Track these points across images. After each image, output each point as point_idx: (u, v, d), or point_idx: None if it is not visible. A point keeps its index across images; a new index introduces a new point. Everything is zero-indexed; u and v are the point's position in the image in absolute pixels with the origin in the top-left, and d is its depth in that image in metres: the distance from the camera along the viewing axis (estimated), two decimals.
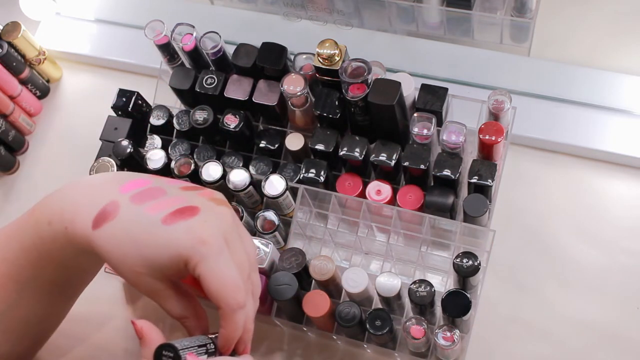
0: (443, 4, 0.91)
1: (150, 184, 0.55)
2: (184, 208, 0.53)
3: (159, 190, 0.55)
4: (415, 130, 0.79)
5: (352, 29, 0.99)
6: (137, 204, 0.53)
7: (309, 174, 0.83)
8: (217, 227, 0.53)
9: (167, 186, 0.56)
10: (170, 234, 0.51)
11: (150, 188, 0.55)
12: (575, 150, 0.90)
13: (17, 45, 1.01)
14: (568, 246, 0.87)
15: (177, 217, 0.52)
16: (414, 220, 0.80)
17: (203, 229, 0.52)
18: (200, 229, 0.52)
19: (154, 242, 0.52)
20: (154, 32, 0.87)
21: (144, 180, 0.56)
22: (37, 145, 1.06)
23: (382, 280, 0.75)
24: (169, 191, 0.55)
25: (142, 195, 0.54)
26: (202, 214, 0.53)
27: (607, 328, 0.82)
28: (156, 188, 0.55)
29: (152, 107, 0.92)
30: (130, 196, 0.53)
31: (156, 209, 0.53)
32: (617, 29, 0.96)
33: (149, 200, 0.53)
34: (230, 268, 0.53)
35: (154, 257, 0.52)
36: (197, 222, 0.52)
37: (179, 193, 0.55)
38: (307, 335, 0.86)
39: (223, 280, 0.52)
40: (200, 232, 0.52)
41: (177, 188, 0.56)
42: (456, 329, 0.72)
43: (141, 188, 0.54)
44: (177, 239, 0.51)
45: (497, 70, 0.95)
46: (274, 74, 0.85)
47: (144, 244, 0.52)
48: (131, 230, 0.52)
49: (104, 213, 0.52)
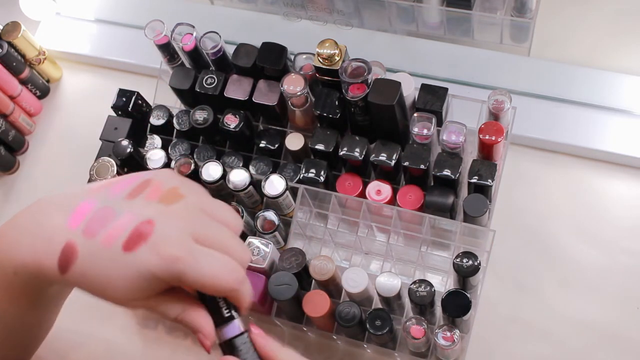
0: (443, 4, 0.91)
1: (94, 205, 0.52)
2: (139, 227, 0.50)
3: (106, 212, 0.51)
4: (415, 130, 0.79)
5: (352, 29, 0.99)
6: (91, 237, 0.50)
7: (309, 174, 0.83)
8: (180, 233, 0.50)
9: (112, 201, 0.52)
10: (137, 261, 0.49)
11: (97, 212, 0.51)
12: (575, 150, 0.90)
13: (17, 45, 1.01)
14: (568, 246, 0.87)
15: (136, 242, 0.49)
16: (414, 220, 0.80)
17: (167, 245, 0.49)
18: (164, 245, 0.49)
19: (125, 274, 0.49)
20: (154, 32, 0.87)
21: (89, 202, 0.52)
22: (37, 145, 1.06)
23: (382, 280, 0.75)
24: (116, 208, 0.51)
25: (92, 225, 0.51)
26: (159, 226, 0.50)
27: (607, 328, 0.82)
28: (103, 210, 0.51)
29: (152, 107, 0.92)
30: (82, 230, 0.50)
31: (111, 238, 0.50)
32: (617, 29, 0.97)
33: (101, 229, 0.50)
34: (215, 260, 0.50)
35: (130, 285, 0.50)
36: (158, 238, 0.49)
37: (127, 207, 0.52)
38: (307, 335, 0.86)
39: (215, 278, 0.50)
40: (166, 249, 0.49)
41: (123, 199, 0.52)
42: (456, 329, 0.72)
43: (88, 215, 0.51)
44: (146, 263, 0.49)
45: (497, 70, 0.95)
46: (274, 74, 0.85)
47: (116, 276, 0.50)
48: (97, 266, 0.50)
49: (65, 257, 0.50)
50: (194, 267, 0.49)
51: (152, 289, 0.51)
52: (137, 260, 0.49)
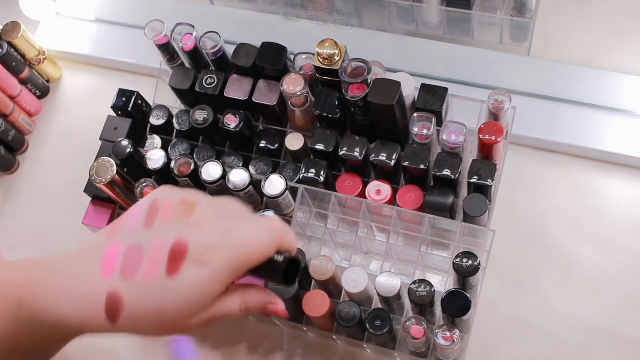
0: (443, 4, 0.91)
1: (119, 247, 0.52)
2: (174, 249, 0.50)
3: (135, 249, 0.51)
4: (415, 130, 0.79)
5: (352, 29, 0.99)
6: (132, 279, 0.50)
7: (309, 174, 0.83)
8: (213, 235, 0.51)
9: (134, 237, 0.52)
10: (187, 279, 0.50)
11: (126, 254, 0.51)
12: (575, 150, 0.90)
13: (17, 45, 1.01)
14: (568, 246, 0.87)
15: (178, 263, 0.50)
16: (414, 220, 0.80)
17: (205, 254, 0.50)
18: (202, 256, 0.50)
19: (179, 297, 0.50)
20: (154, 32, 0.87)
21: (112, 246, 0.52)
22: (37, 145, 1.06)
23: (382, 280, 0.75)
24: (142, 242, 0.52)
25: (127, 267, 0.51)
26: (192, 238, 0.51)
27: (607, 328, 0.82)
28: (130, 249, 0.51)
29: (152, 107, 0.92)
30: (119, 276, 0.50)
31: (152, 271, 0.50)
32: (617, 29, 0.97)
33: (138, 267, 0.50)
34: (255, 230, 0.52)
35: (188, 305, 0.51)
36: (197, 249, 0.51)
37: (152, 236, 0.52)
38: (307, 335, 0.86)
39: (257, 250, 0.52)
40: (205, 257, 0.50)
41: (143, 231, 0.52)
42: (456, 329, 0.72)
43: (118, 259, 0.51)
44: (195, 281, 0.50)
45: (497, 70, 0.95)
46: (274, 74, 0.85)
47: (171, 303, 0.50)
48: (149, 302, 0.50)
49: (112, 308, 0.50)
50: (247, 249, 0.51)
51: (209, 299, 0.51)
52: (185, 279, 0.50)
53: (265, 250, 0.53)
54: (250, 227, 0.53)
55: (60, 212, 1.00)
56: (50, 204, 1.01)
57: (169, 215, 0.53)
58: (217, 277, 0.51)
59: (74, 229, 0.93)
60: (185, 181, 0.83)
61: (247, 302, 0.54)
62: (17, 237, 1.00)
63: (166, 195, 0.55)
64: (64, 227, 0.97)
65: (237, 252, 0.51)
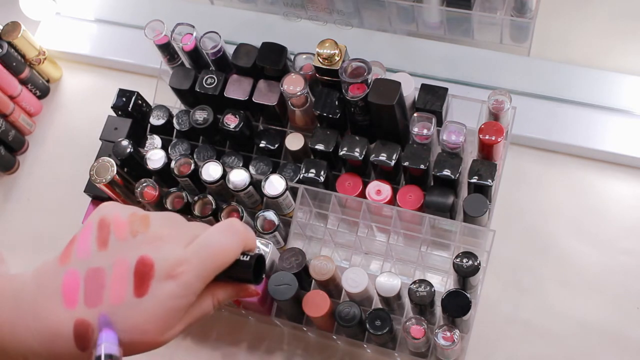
0: (443, 4, 0.91)
1: (77, 274, 0.50)
2: (138, 269, 0.49)
3: (95, 274, 0.49)
4: (415, 130, 0.79)
5: (352, 29, 0.99)
6: (98, 304, 0.49)
7: (309, 174, 0.83)
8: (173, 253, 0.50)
9: (90, 261, 0.50)
10: (156, 297, 0.49)
11: (86, 279, 0.49)
12: (575, 150, 0.90)
13: (17, 45, 1.01)
14: (568, 246, 0.87)
15: (145, 282, 0.49)
16: (414, 220, 0.80)
17: (174, 268, 0.49)
18: (172, 271, 0.49)
19: (154, 319, 0.49)
20: (154, 32, 0.87)
21: (69, 275, 0.50)
22: (37, 145, 1.06)
23: (382, 280, 0.75)
24: (100, 263, 0.50)
25: (91, 294, 0.49)
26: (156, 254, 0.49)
27: (606, 328, 0.82)
28: (89, 274, 0.49)
29: (152, 107, 0.92)
30: (84, 304, 0.49)
31: (119, 294, 0.49)
32: (617, 29, 0.97)
33: (102, 291, 0.49)
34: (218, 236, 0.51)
35: (164, 320, 0.50)
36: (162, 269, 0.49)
37: (110, 257, 0.50)
38: (307, 335, 0.86)
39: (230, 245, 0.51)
40: (175, 271, 0.49)
41: (98, 253, 0.50)
42: (456, 329, 0.72)
43: (79, 286, 0.49)
44: (167, 297, 0.49)
45: (497, 70, 0.95)
46: (274, 74, 0.85)
47: (144, 322, 0.49)
48: (121, 330, 0.49)
49: (81, 336, 0.49)
50: (216, 255, 0.51)
51: (183, 311, 0.51)
52: (157, 296, 0.49)
53: (234, 253, 0.52)
54: (213, 233, 0.52)
55: (60, 212, 1.00)
56: (50, 204, 1.01)
57: (124, 232, 0.51)
58: (189, 289, 0.50)
59: (74, 229, 0.92)
60: (185, 181, 0.83)
61: (218, 297, 0.54)
62: (17, 237, 1.00)
63: (112, 211, 0.52)
64: (64, 227, 0.96)
65: (206, 260, 0.50)
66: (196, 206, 0.81)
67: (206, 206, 0.81)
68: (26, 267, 0.53)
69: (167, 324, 0.50)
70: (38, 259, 0.52)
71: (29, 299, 0.50)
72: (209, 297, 0.53)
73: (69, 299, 0.49)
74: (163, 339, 0.51)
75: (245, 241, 0.53)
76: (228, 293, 0.55)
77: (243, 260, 0.53)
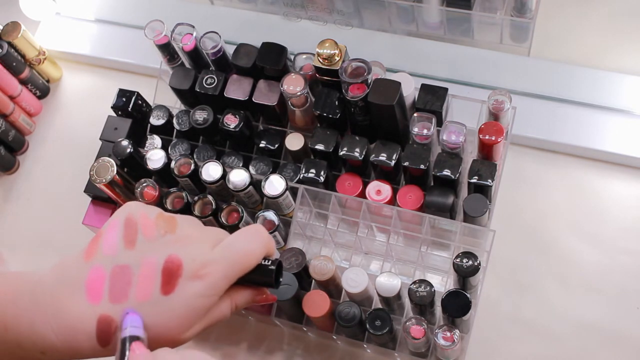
0: (443, 4, 0.91)
1: (102, 271, 0.50)
2: (167, 268, 0.50)
3: (121, 271, 0.50)
4: (415, 130, 0.79)
5: (352, 29, 0.99)
6: (124, 301, 0.49)
7: (309, 174, 0.83)
8: (201, 254, 0.51)
9: (118, 257, 0.51)
10: (183, 295, 0.50)
11: (112, 276, 0.50)
12: (575, 150, 0.90)
13: (17, 45, 1.01)
14: (568, 246, 0.87)
15: (173, 280, 0.50)
16: (414, 220, 0.80)
17: (201, 268, 0.50)
18: (198, 271, 0.50)
19: (178, 313, 0.50)
20: (154, 32, 0.87)
21: (95, 271, 0.50)
22: (37, 145, 1.06)
23: (382, 280, 0.75)
24: (127, 261, 0.50)
25: (117, 290, 0.50)
26: (183, 253, 0.51)
27: (607, 328, 0.82)
28: (116, 270, 0.50)
29: (152, 107, 0.92)
30: (109, 299, 0.49)
31: (145, 291, 0.50)
32: (617, 29, 0.97)
33: (129, 288, 0.50)
34: (243, 240, 0.53)
35: (187, 319, 0.51)
36: (190, 269, 0.50)
37: (138, 255, 0.51)
38: (307, 335, 0.86)
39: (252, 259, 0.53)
40: (202, 272, 0.50)
41: (125, 250, 0.51)
42: (456, 329, 0.72)
43: (104, 283, 0.50)
44: (193, 296, 0.50)
45: (497, 70, 0.95)
46: (274, 74, 0.85)
47: (168, 319, 0.50)
48: (148, 323, 0.49)
49: (103, 332, 0.49)
50: (242, 258, 0.52)
51: (206, 311, 0.52)
52: (183, 295, 0.50)
53: (258, 257, 0.54)
54: (239, 236, 0.54)
55: (60, 212, 1.00)
56: (50, 204, 1.01)
57: (152, 232, 0.52)
58: (214, 290, 0.51)
59: (74, 229, 0.93)
60: (185, 181, 0.83)
61: (236, 302, 0.55)
62: (17, 237, 1.00)
63: (139, 210, 0.53)
64: (64, 227, 0.97)
65: (232, 262, 0.52)
66: (196, 206, 0.81)
67: (206, 206, 0.81)
68: (26, 267, 0.53)
69: (189, 323, 0.51)
70: (38, 259, 0.52)
71: (48, 294, 0.51)
72: (228, 301, 0.54)
73: (93, 294, 0.50)
74: (183, 337, 0.52)
75: (269, 246, 0.55)
76: (246, 297, 0.56)
77: (265, 265, 0.54)
